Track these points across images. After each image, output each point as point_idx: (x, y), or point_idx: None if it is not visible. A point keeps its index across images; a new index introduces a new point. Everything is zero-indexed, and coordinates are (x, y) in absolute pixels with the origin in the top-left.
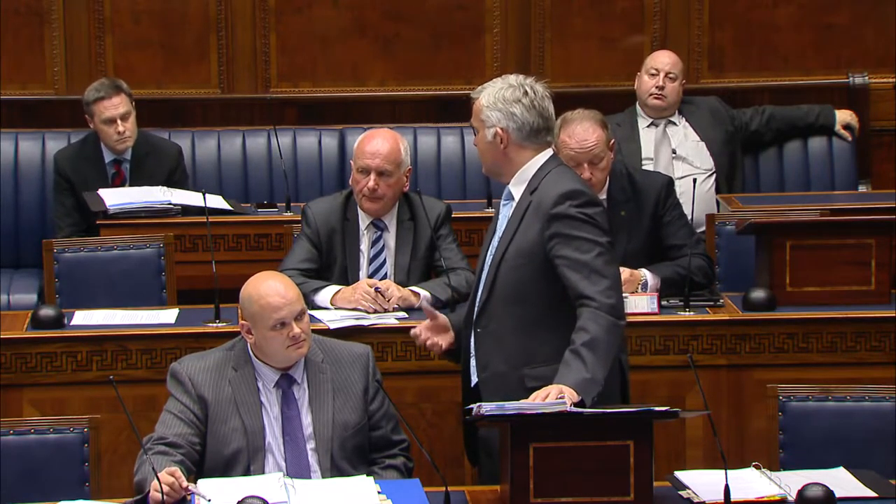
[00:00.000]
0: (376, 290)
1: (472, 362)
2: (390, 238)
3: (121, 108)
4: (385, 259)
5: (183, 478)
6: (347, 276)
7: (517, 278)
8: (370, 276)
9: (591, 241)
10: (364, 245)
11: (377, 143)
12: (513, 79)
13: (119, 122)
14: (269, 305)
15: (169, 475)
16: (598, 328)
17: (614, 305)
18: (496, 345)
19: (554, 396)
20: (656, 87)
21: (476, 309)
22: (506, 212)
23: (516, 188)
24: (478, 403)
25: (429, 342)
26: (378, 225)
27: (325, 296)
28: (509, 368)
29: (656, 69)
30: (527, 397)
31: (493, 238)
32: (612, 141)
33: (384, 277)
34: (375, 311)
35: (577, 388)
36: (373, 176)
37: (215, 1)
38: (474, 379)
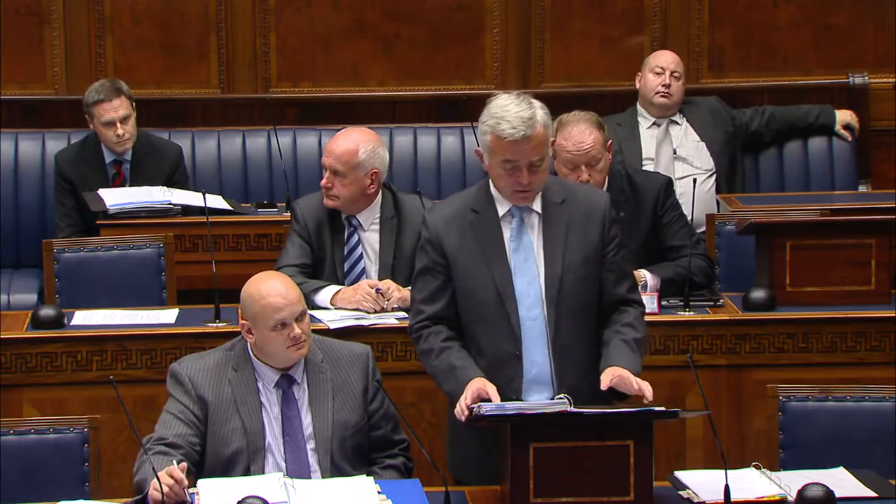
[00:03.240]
0: (377, 290)
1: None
2: (369, 236)
3: (120, 110)
4: (361, 256)
5: (183, 477)
6: (336, 273)
7: (586, 286)
8: (346, 273)
9: (623, 244)
10: (352, 240)
11: (335, 143)
12: (516, 93)
13: (118, 125)
14: (270, 306)
15: (169, 475)
16: (644, 331)
17: None
18: (569, 357)
19: (640, 386)
20: (662, 86)
21: (550, 329)
22: (516, 226)
23: (534, 201)
24: (478, 404)
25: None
26: (352, 222)
27: (325, 296)
28: (579, 378)
29: (661, 68)
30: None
31: (513, 254)
32: (609, 142)
33: (360, 274)
34: (376, 312)
35: (634, 374)
36: (326, 174)
37: (215, 1)
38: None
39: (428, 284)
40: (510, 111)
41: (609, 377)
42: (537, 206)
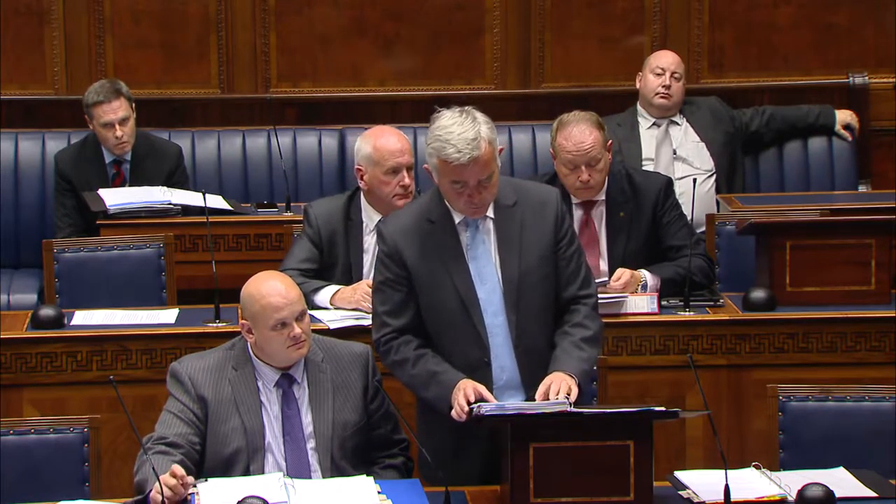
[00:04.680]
0: None
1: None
2: None
3: (120, 112)
4: None
5: (185, 476)
6: (351, 277)
7: (545, 287)
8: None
9: (575, 238)
10: (368, 245)
11: (399, 142)
12: (458, 109)
13: (118, 126)
14: (270, 305)
15: (171, 476)
16: (597, 327)
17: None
18: (535, 360)
19: (558, 387)
20: (663, 87)
21: (513, 333)
22: (472, 233)
23: None
24: (478, 404)
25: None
26: None
27: (324, 296)
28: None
29: (662, 68)
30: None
31: (472, 262)
32: (609, 142)
33: None
34: None
35: (579, 377)
36: (405, 172)
37: (215, 1)
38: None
39: (390, 297)
40: (454, 133)
41: (541, 389)
42: (490, 211)
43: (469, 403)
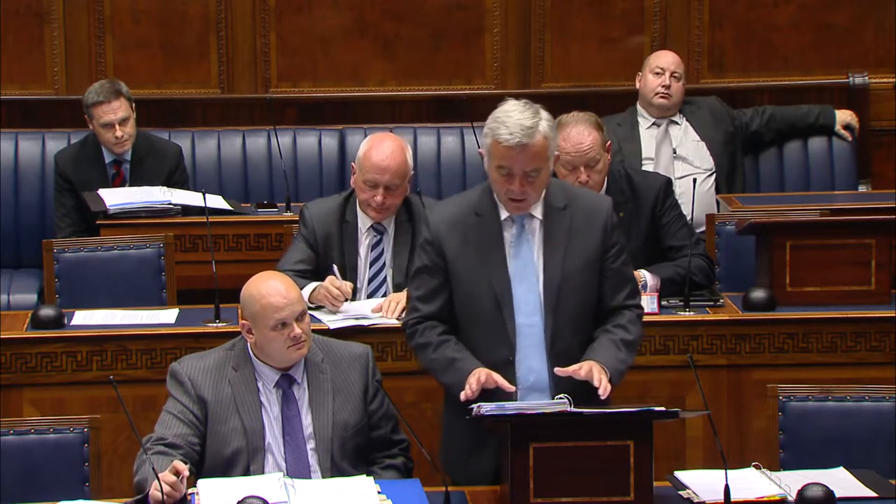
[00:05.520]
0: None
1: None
2: (389, 239)
3: (120, 112)
4: (385, 262)
5: (185, 470)
6: (346, 278)
7: (585, 293)
8: (370, 280)
9: (624, 249)
10: (363, 248)
11: (386, 159)
12: (526, 101)
13: (117, 127)
14: (270, 305)
15: (172, 474)
16: (638, 333)
17: None
18: (567, 364)
19: (599, 375)
20: (662, 87)
21: (547, 335)
22: (517, 231)
23: (534, 206)
24: (478, 403)
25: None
26: (377, 228)
27: (304, 294)
28: (577, 384)
29: (661, 68)
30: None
31: (512, 260)
32: (608, 142)
33: (384, 280)
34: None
35: (612, 372)
36: (381, 191)
37: (215, 1)
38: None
39: (425, 283)
40: (512, 117)
41: (574, 367)
42: (538, 211)
43: (482, 387)
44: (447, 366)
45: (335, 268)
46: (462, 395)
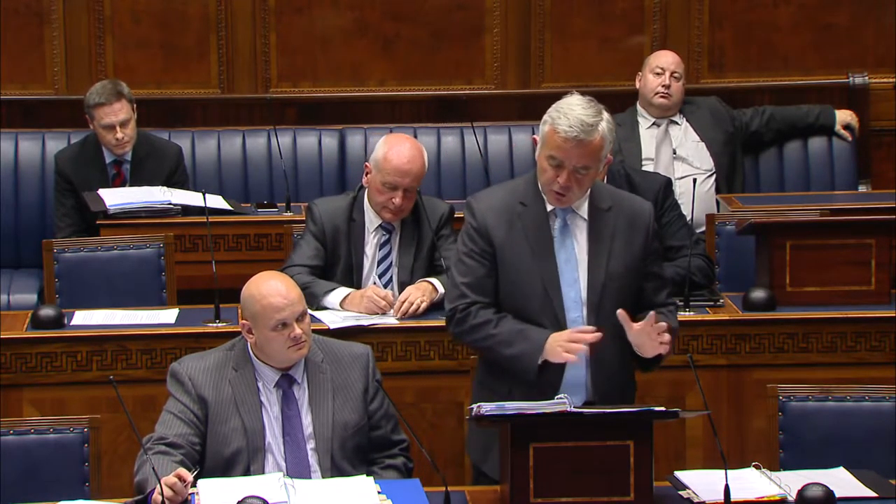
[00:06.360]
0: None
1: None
2: (396, 238)
3: (121, 114)
4: (392, 261)
5: (190, 478)
6: (352, 277)
7: (625, 295)
8: (379, 278)
9: (661, 253)
10: (370, 247)
11: (408, 163)
12: (591, 98)
13: (118, 128)
14: (270, 306)
15: (175, 477)
16: (676, 324)
17: None
18: (605, 364)
19: (663, 325)
20: (662, 86)
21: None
22: (560, 226)
23: (579, 204)
24: (478, 403)
25: None
26: (386, 227)
27: (334, 298)
28: (613, 386)
29: (661, 68)
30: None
31: (556, 253)
32: None
33: (391, 279)
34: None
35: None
36: (400, 193)
37: (215, 1)
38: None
39: (472, 270)
40: (575, 110)
41: (652, 315)
42: (584, 211)
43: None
44: (515, 335)
45: (376, 277)
46: (567, 357)
